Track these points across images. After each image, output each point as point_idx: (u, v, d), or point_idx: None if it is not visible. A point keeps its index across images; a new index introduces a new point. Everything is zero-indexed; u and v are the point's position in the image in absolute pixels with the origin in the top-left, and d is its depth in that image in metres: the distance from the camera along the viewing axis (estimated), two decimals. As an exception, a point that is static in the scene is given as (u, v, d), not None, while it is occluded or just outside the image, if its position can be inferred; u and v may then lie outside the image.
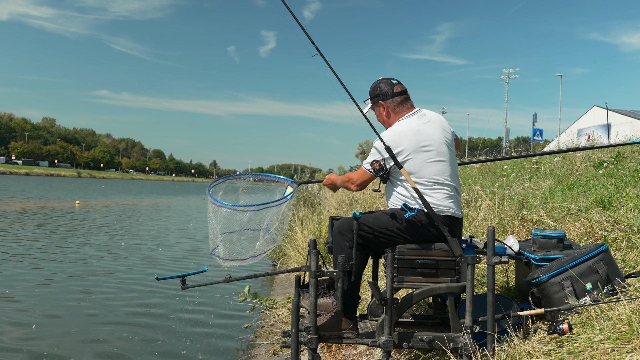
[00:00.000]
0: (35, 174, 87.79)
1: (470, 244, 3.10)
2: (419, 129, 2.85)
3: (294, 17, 2.93)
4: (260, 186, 4.07)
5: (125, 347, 4.72)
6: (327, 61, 2.88)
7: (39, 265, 8.28)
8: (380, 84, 3.01)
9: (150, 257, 9.66)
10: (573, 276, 2.87)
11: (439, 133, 2.89)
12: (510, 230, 4.67)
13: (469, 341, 2.60)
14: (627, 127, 23.54)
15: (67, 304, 6.08)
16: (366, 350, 3.57)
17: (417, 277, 2.74)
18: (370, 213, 2.88)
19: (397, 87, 2.99)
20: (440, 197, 2.80)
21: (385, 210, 2.86)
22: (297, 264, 6.91)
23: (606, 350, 2.28)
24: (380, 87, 3.00)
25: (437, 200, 2.79)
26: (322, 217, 8.99)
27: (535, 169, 8.43)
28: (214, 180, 3.29)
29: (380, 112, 3.04)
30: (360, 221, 2.77)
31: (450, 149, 2.92)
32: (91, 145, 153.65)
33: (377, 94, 3.01)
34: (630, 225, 3.76)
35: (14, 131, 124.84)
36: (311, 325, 2.71)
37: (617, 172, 6.02)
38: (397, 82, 3.02)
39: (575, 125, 38.64)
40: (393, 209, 2.87)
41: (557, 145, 17.41)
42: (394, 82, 3.01)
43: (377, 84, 3.03)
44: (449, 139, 2.94)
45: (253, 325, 5.22)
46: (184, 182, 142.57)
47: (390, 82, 3.01)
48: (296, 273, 3.07)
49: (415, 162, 2.79)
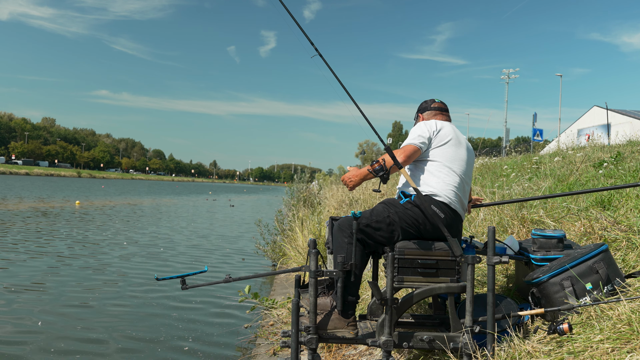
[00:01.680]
0: (35, 174, 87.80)
1: (470, 244, 3.11)
2: (452, 126, 3.11)
3: (293, 19, 2.94)
4: (260, 186, 4.07)
5: (126, 347, 4.72)
6: (326, 62, 2.89)
7: (39, 264, 8.28)
8: (423, 101, 3.34)
9: (151, 257, 9.66)
10: (573, 276, 2.87)
11: (465, 139, 3.13)
12: (510, 230, 4.67)
13: (469, 341, 2.60)
14: (627, 127, 23.56)
15: (68, 303, 6.09)
16: (366, 350, 3.57)
17: (417, 277, 2.74)
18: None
19: (437, 103, 3.28)
20: (446, 182, 2.89)
21: (382, 200, 2.94)
22: (297, 264, 6.91)
23: (606, 350, 2.28)
24: (422, 103, 3.33)
25: (443, 185, 2.88)
26: (322, 217, 8.99)
27: (535, 169, 8.44)
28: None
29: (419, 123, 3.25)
30: (359, 219, 2.78)
31: (470, 155, 3.10)
32: (91, 145, 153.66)
33: (419, 109, 3.32)
34: (630, 225, 3.76)
35: (14, 131, 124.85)
36: (311, 325, 2.71)
37: (617, 172, 6.02)
38: (439, 100, 3.31)
39: (575, 125, 38.67)
40: (389, 198, 2.97)
41: (557, 145, 17.42)
42: (436, 100, 3.30)
43: (424, 101, 3.34)
44: (471, 150, 3.15)
45: (253, 325, 5.22)
46: (184, 182, 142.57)
47: (432, 99, 3.32)
48: (296, 273, 3.07)
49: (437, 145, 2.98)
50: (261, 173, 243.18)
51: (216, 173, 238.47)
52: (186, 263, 9.19)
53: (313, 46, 2.89)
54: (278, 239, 9.36)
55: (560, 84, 44.45)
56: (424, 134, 2.97)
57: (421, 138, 2.95)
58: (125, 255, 9.70)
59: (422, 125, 3.02)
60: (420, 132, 2.98)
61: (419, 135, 2.96)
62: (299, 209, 12.00)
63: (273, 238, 9.46)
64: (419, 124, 3.07)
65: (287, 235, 9.06)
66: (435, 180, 2.89)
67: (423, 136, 2.96)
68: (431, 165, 2.95)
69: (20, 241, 10.63)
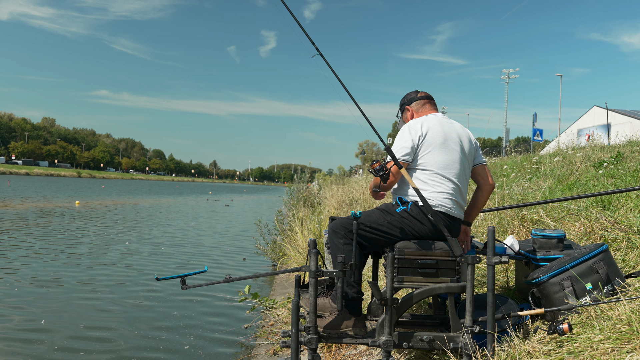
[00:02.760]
0: (35, 174, 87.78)
1: (470, 244, 3.10)
2: (441, 121, 2.95)
3: (294, 18, 2.93)
4: (260, 186, 4.07)
5: (126, 346, 4.72)
6: (326, 61, 2.88)
7: (40, 265, 8.28)
8: (407, 94, 3.21)
9: (151, 257, 9.65)
10: (573, 276, 2.87)
11: (457, 134, 2.95)
12: (510, 230, 4.67)
13: (469, 341, 2.60)
14: (627, 127, 23.55)
15: (69, 303, 6.08)
16: (366, 350, 3.57)
17: (417, 277, 2.74)
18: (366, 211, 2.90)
19: (422, 93, 3.18)
20: (440, 191, 2.81)
21: (378, 206, 2.89)
22: (297, 264, 6.91)
23: (606, 350, 2.28)
24: (406, 96, 3.20)
25: (437, 194, 2.80)
26: (322, 217, 8.99)
27: (535, 169, 8.44)
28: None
29: (407, 116, 3.14)
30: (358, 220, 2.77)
31: (464, 154, 2.93)
32: (91, 145, 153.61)
33: (403, 102, 3.19)
34: (630, 225, 3.76)
35: (14, 131, 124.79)
36: (311, 325, 2.71)
37: (617, 172, 6.02)
38: (423, 91, 3.21)
39: (575, 125, 38.65)
40: (386, 203, 2.90)
41: (557, 145, 17.41)
42: (419, 91, 3.20)
43: (405, 95, 3.21)
44: (466, 143, 2.96)
45: (253, 325, 5.22)
46: (184, 182, 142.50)
47: (416, 90, 3.22)
48: (296, 273, 3.07)
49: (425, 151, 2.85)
50: (261, 173, 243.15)
51: (216, 173, 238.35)
52: (186, 263, 9.19)
53: (314, 45, 2.88)
54: (278, 239, 9.36)
55: (560, 84, 44.52)
56: (407, 143, 2.83)
57: (404, 150, 2.83)
58: (125, 255, 9.70)
59: (405, 133, 2.87)
60: (403, 144, 2.84)
61: (402, 147, 2.84)
62: (299, 209, 12.00)
63: (273, 238, 9.46)
64: (403, 129, 2.93)
65: (287, 235, 9.06)
66: (429, 190, 2.80)
67: (406, 146, 2.83)
68: (422, 174, 2.84)
69: (21, 241, 10.62)
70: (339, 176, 22.99)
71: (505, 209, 4.55)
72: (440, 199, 2.80)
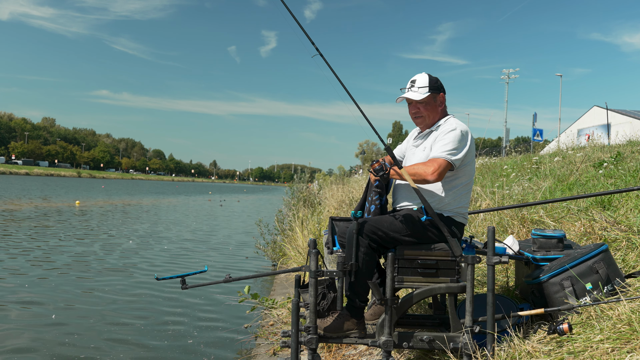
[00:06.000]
0: (35, 174, 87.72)
1: (470, 244, 3.10)
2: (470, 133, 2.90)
3: (294, 18, 2.93)
4: (260, 186, 4.07)
5: (126, 346, 4.72)
6: (327, 61, 2.88)
7: (40, 265, 8.28)
8: (436, 78, 2.97)
9: (151, 256, 9.65)
10: (573, 276, 2.87)
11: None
12: (510, 230, 4.67)
13: (469, 341, 2.60)
14: (627, 127, 23.54)
15: (68, 303, 6.09)
16: (366, 350, 3.57)
17: (417, 277, 2.74)
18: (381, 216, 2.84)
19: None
20: (465, 204, 2.87)
21: (396, 215, 2.80)
22: (297, 264, 6.91)
23: (606, 350, 2.28)
24: (438, 81, 2.96)
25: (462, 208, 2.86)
26: (322, 217, 8.99)
27: (535, 169, 8.44)
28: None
29: (437, 101, 2.94)
30: (373, 224, 2.73)
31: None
32: (91, 145, 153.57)
33: (439, 85, 2.95)
34: (630, 225, 3.76)
35: (14, 131, 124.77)
36: (311, 325, 2.71)
37: (617, 172, 6.02)
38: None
39: (575, 125, 38.64)
40: (407, 212, 2.79)
41: (557, 145, 17.41)
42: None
43: (435, 78, 2.96)
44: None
45: (253, 325, 5.22)
46: (184, 182, 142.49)
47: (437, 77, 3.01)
48: (296, 273, 3.07)
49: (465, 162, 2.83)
50: (261, 173, 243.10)
51: (216, 173, 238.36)
52: (186, 263, 9.19)
53: (314, 45, 2.88)
54: (278, 239, 9.36)
55: (560, 84, 44.48)
56: (462, 149, 2.72)
57: (457, 154, 2.71)
58: (125, 255, 9.70)
59: (459, 136, 2.74)
60: (457, 146, 2.71)
61: (455, 149, 2.70)
62: (299, 209, 11.99)
63: (273, 238, 9.46)
64: (458, 131, 2.75)
65: (287, 235, 9.06)
66: (457, 201, 2.82)
67: (460, 151, 2.71)
68: (455, 183, 2.81)
69: (21, 241, 10.62)
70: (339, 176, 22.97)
71: (505, 209, 4.56)
72: (463, 210, 2.85)
